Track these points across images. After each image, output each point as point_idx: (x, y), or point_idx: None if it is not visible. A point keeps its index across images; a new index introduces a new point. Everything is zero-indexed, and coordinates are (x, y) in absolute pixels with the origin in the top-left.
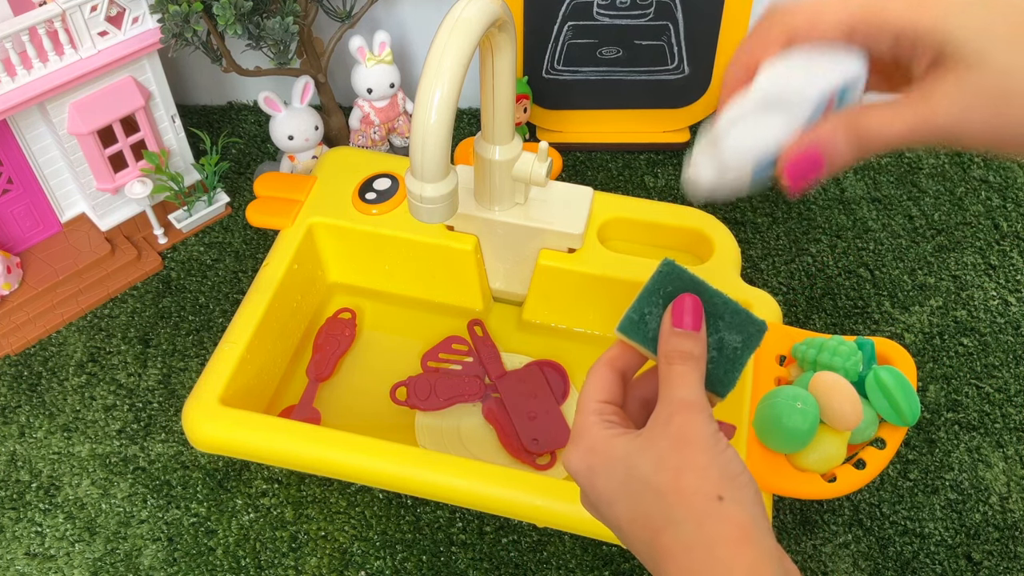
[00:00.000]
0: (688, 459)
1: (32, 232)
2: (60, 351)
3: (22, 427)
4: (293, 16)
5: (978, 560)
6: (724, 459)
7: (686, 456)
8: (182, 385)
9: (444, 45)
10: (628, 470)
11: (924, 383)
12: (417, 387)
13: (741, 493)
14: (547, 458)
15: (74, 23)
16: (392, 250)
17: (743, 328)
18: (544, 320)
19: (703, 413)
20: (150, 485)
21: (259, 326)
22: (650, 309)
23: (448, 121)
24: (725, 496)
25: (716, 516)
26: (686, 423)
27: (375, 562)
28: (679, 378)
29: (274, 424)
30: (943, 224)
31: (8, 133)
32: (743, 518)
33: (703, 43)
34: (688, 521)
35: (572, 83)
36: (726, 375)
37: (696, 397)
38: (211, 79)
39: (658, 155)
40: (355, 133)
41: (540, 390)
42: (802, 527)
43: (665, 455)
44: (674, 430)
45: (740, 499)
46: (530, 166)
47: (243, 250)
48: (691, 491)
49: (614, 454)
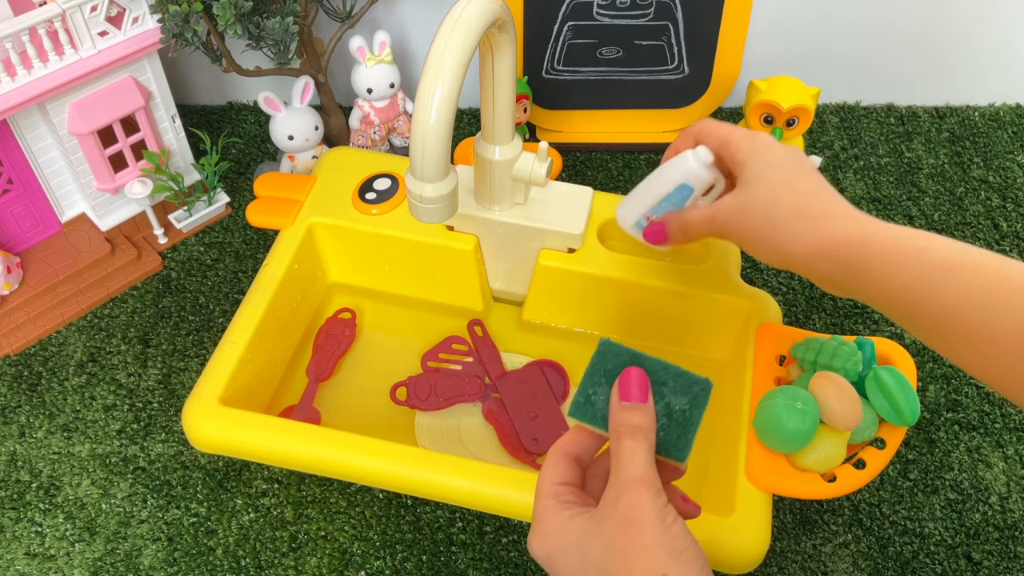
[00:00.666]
0: (634, 540)
1: (32, 232)
2: (60, 351)
3: (22, 427)
4: (293, 16)
5: (978, 560)
6: (669, 536)
7: (633, 537)
8: (182, 385)
9: (444, 45)
10: (582, 554)
11: (924, 383)
12: (417, 387)
13: (686, 570)
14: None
15: (74, 23)
16: (392, 250)
17: (687, 389)
18: (544, 320)
19: (650, 489)
20: (150, 485)
21: (259, 326)
22: (595, 389)
23: (448, 121)
24: (669, 574)
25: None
26: (632, 502)
27: (375, 562)
28: (627, 453)
29: (274, 424)
30: (943, 224)
31: (8, 133)
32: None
33: (703, 43)
34: None
35: (572, 83)
36: (679, 439)
37: (643, 473)
38: (211, 79)
39: (658, 155)
40: (355, 133)
41: (540, 390)
42: (802, 527)
43: (614, 537)
44: (621, 511)
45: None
46: (530, 166)
47: (243, 250)
48: (638, 574)
49: (569, 539)
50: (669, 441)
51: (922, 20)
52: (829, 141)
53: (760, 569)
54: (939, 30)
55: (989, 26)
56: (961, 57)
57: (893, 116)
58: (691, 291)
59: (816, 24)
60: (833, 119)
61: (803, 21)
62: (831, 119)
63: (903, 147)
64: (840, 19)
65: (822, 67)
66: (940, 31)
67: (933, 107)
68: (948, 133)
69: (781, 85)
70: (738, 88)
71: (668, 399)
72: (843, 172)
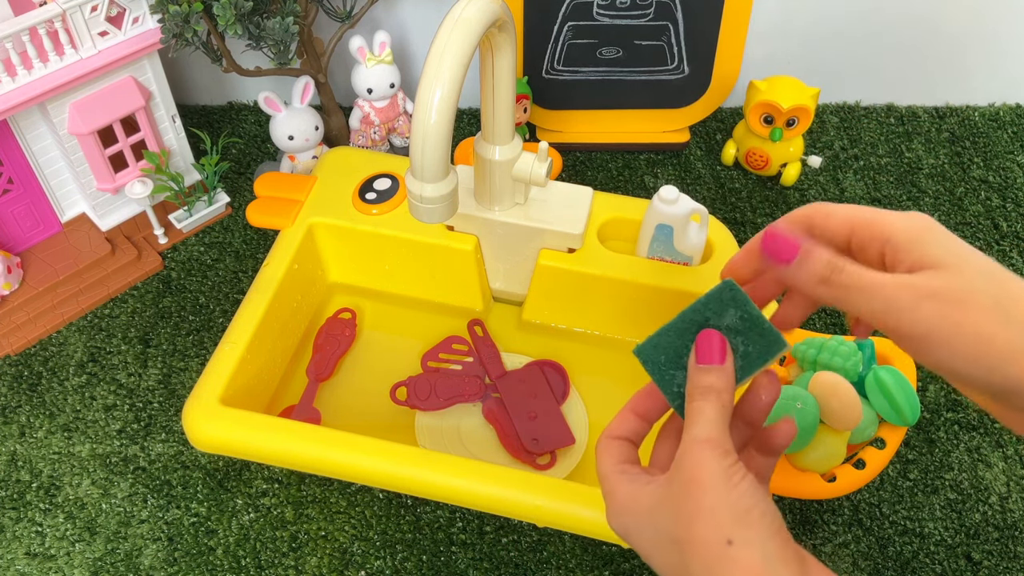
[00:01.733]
0: (697, 503)
1: (32, 232)
2: (60, 351)
3: (22, 427)
4: (293, 16)
5: (978, 560)
6: (734, 496)
7: (695, 499)
8: (182, 385)
9: (444, 45)
10: (653, 525)
11: (924, 383)
12: (417, 387)
13: (751, 532)
14: (547, 458)
15: (74, 23)
16: (392, 250)
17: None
18: (544, 320)
19: (715, 449)
20: (150, 485)
21: (259, 326)
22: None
23: (448, 121)
24: (735, 539)
25: (725, 562)
26: (696, 463)
27: (375, 562)
28: (695, 415)
29: (274, 424)
30: (943, 224)
31: (8, 133)
32: (752, 560)
33: (703, 43)
34: (702, 573)
35: (572, 83)
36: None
37: (708, 433)
38: (211, 79)
39: (658, 155)
40: (355, 133)
41: (540, 390)
42: (802, 527)
43: (678, 503)
44: (685, 474)
45: (750, 539)
46: (530, 166)
47: (243, 250)
48: (701, 540)
49: (641, 509)
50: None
51: (922, 20)
52: (829, 141)
53: None
54: (939, 30)
55: (989, 26)
56: (961, 57)
57: (893, 116)
58: (691, 291)
59: (816, 24)
60: (833, 119)
61: (803, 21)
62: (831, 119)
63: (903, 147)
64: (840, 19)
65: (822, 67)
66: (940, 31)
67: (933, 107)
68: (948, 133)
69: (781, 85)
70: (738, 88)
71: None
72: (843, 172)
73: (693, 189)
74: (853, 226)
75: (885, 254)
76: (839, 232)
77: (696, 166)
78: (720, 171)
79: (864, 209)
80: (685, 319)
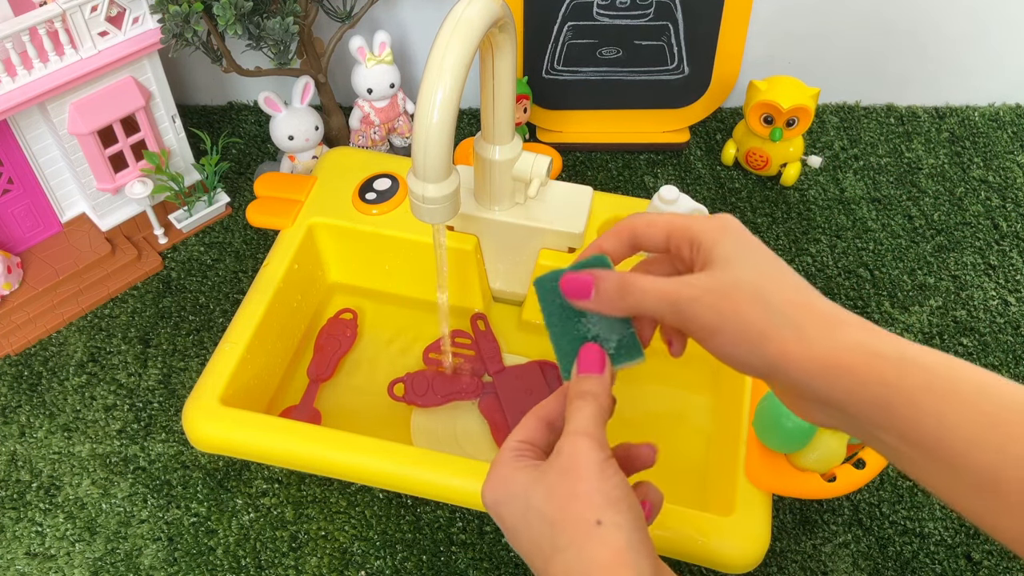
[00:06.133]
0: (573, 486)
1: (32, 232)
2: (60, 351)
3: (22, 427)
4: (293, 16)
5: (978, 560)
6: (608, 485)
7: (571, 483)
8: (182, 385)
9: (446, 45)
10: (526, 501)
11: None
12: (415, 383)
13: (621, 517)
14: None
15: (74, 23)
16: (392, 250)
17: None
18: None
19: (591, 441)
20: (150, 485)
21: (259, 326)
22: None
23: (451, 121)
24: (604, 520)
25: (594, 540)
26: (574, 452)
27: (375, 562)
28: (575, 412)
29: (274, 424)
30: (943, 224)
31: (8, 133)
32: (619, 542)
33: (703, 43)
34: (571, 547)
35: (572, 83)
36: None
37: (586, 427)
38: (211, 79)
39: (658, 155)
40: (355, 133)
41: (537, 387)
42: (802, 527)
43: (554, 484)
44: (563, 460)
45: (619, 523)
46: (530, 166)
47: (243, 250)
48: (573, 518)
49: (516, 486)
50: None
51: (922, 20)
52: (829, 141)
53: (760, 569)
54: (939, 30)
55: (989, 26)
56: (961, 57)
57: (893, 116)
58: None
59: (816, 24)
60: (833, 119)
61: (803, 21)
62: (831, 119)
63: (903, 147)
64: (840, 19)
65: (822, 67)
66: (940, 31)
67: (933, 107)
68: (948, 133)
69: (781, 85)
70: (738, 88)
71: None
72: (843, 172)
73: (693, 189)
74: (670, 231)
75: (693, 255)
76: (658, 238)
77: (696, 166)
78: (720, 171)
79: (679, 216)
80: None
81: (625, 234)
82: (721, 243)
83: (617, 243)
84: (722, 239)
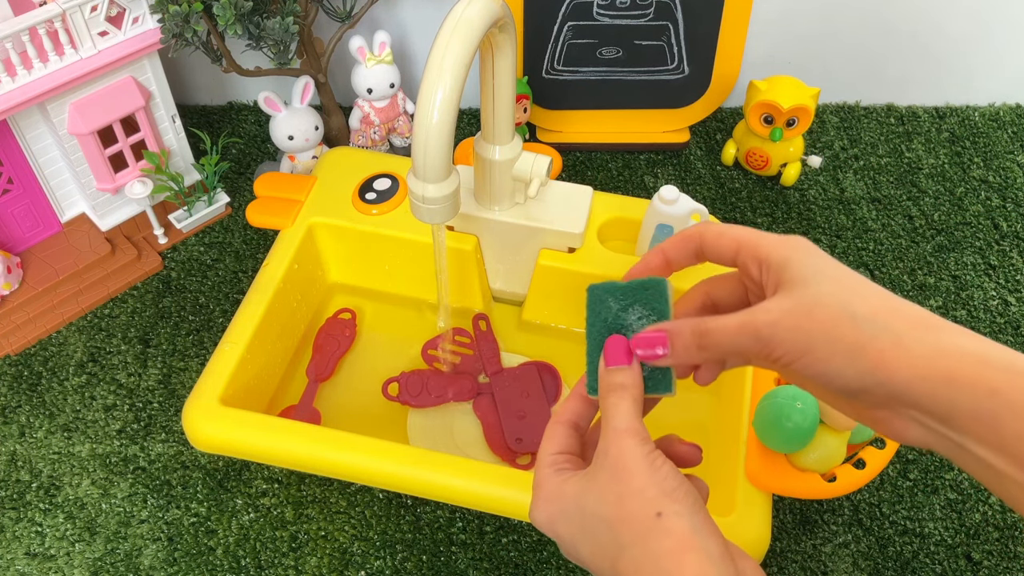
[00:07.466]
0: (626, 485)
1: (32, 232)
2: (60, 351)
3: (22, 427)
4: (293, 16)
5: (978, 560)
6: (659, 476)
7: (624, 482)
8: (182, 385)
9: (446, 45)
10: (580, 510)
11: None
12: (409, 384)
13: (679, 505)
14: (527, 458)
15: (74, 23)
16: (392, 250)
17: (649, 305)
18: (544, 320)
19: (635, 437)
20: (150, 485)
21: (259, 326)
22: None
23: (451, 121)
24: (664, 511)
25: (658, 532)
26: (620, 451)
27: (375, 562)
28: (612, 409)
29: (274, 424)
30: (943, 224)
31: (8, 133)
32: (683, 529)
33: (703, 43)
34: (635, 544)
35: (572, 83)
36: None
37: (627, 424)
38: (211, 79)
39: (658, 155)
40: (355, 133)
41: (533, 390)
42: (802, 527)
43: (606, 486)
44: (611, 460)
45: (679, 511)
46: (530, 166)
47: (243, 250)
48: (632, 515)
49: (567, 500)
50: (654, 379)
51: (922, 20)
52: (829, 141)
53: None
54: (939, 30)
55: (989, 26)
56: (961, 57)
57: (893, 116)
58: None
59: (816, 24)
60: (833, 119)
61: (803, 21)
62: (831, 119)
63: (903, 147)
64: (840, 19)
65: (822, 67)
66: (940, 31)
67: (933, 107)
68: (948, 133)
69: (781, 85)
70: (738, 88)
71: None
72: (843, 172)
73: (693, 189)
74: (739, 246)
75: (763, 276)
76: (727, 251)
77: (696, 166)
78: (720, 171)
79: (750, 231)
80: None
81: (693, 243)
82: (792, 261)
83: (683, 251)
84: (792, 257)
